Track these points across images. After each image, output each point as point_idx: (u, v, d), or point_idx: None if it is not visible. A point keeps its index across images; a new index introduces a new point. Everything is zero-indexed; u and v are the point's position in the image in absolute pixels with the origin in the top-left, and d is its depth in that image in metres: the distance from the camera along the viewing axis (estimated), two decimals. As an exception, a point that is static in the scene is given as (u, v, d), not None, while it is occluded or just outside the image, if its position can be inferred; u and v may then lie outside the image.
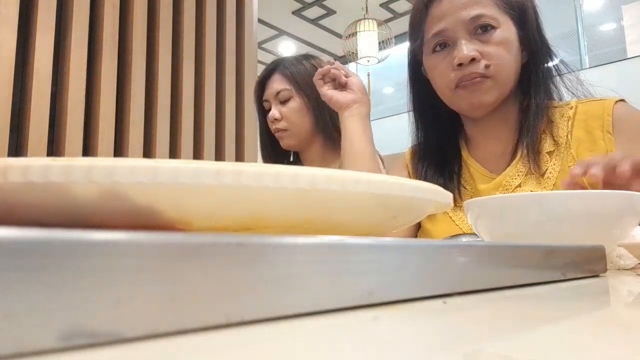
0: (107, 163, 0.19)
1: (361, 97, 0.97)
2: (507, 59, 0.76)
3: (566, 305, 0.25)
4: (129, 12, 1.86)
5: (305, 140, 1.22)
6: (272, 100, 1.21)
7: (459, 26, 0.76)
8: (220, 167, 0.20)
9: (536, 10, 0.81)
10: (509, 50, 0.76)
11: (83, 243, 0.12)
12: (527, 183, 0.78)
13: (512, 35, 0.77)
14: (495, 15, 0.76)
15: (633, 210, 0.46)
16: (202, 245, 0.15)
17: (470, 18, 0.75)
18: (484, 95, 0.77)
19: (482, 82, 0.76)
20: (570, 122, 0.78)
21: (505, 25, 0.77)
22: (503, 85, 0.77)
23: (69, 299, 0.12)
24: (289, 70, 1.20)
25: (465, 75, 0.76)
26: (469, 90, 0.77)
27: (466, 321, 0.20)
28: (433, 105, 0.87)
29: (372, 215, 0.26)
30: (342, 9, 4.93)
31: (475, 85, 0.76)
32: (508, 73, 0.77)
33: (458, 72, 0.76)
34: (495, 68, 0.75)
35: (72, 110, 1.67)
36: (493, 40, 0.76)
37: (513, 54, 0.77)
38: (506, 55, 0.76)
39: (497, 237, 0.49)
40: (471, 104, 0.78)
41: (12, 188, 0.19)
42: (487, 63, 0.75)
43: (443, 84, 0.80)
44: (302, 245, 0.18)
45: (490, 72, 0.75)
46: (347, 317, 0.18)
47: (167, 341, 0.13)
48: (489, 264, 0.27)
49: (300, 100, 1.19)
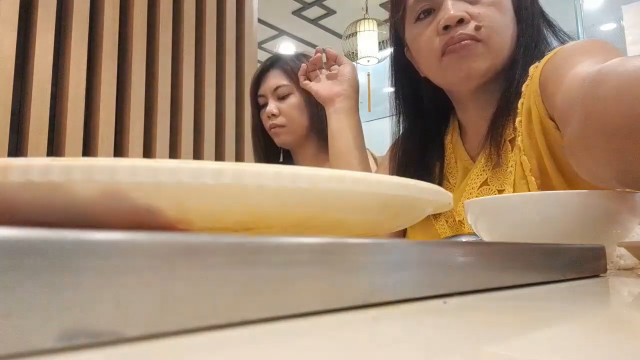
0: (107, 163, 0.19)
1: (346, 89, 0.88)
2: (501, 22, 0.66)
3: (566, 305, 0.25)
4: (129, 12, 1.86)
5: (301, 139, 1.21)
6: (269, 95, 1.20)
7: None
8: (220, 167, 0.20)
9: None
10: (503, 12, 0.66)
11: (83, 243, 0.12)
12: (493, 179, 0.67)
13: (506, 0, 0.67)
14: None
15: (633, 210, 0.46)
16: (202, 245, 0.15)
17: None
18: (474, 61, 0.65)
19: (473, 45, 0.65)
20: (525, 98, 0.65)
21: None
22: (496, 52, 0.66)
23: (69, 299, 0.12)
24: (289, 65, 1.20)
25: (453, 38, 0.65)
26: (457, 55, 0.65)
27: (466, 321, 0.20)
28: (416, 93, 0.78)
29: (372, 215, 0.26)
30: (342, 9, 4.93)
31: (465, 50, 0.65)
32: (501, 38, 0.66)
33: (444, 36, 0.66)
34: (487, 31, 0.65)
35: (72, 110, 1.67)
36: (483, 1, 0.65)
37: (507, 19, 0.67)
38: (499, 17, 0.65)
39: (497, 237, 0.49)
40: (460, 70, 0.67)
41: (12, 188, 0.19)
42: (477, 24, 0.64)
43: (428, 53, 0.69)
44: (302, 245, 0.18)
45: (481, 34, 0.65)
46: (347, 317, 0.18)
47: (167, 341, 0.13)
48: (489, 264, 0.27)
49: (300, 96, 1.18)
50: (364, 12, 4.21)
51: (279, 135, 1.20)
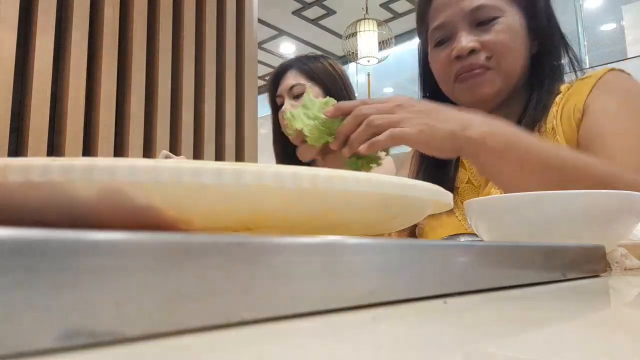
0: (107, 163, 0.19)
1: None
2: (511, 48, 0.71)
3: (566, 305, 0.25)
4: (129, 12, 1.86)
5: None
6: (285, 94, 1.22)
7: (460, 18, 0.72)
8: (220, 167, 0.20)
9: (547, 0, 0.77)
10: (513, 39, 0.72)
11: (83, 243, 0.12)
12: None
13: (516, 23, 0.72)
14: (498, 5, 0.72)
15: (633, 210, 0.46)
16: (202, 245, 0.15)
17: (471, 9, 0.71)
18: (484, 87, 0.72)
19: (482, 73, 0.71)
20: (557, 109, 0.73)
21: (510, 13, 0.72)
22: (507, 77, 0.72)
23: (69, 299, 0.12)
24: (307, 65, 1.22)
25: (464, 67, 0.72)
26: (468, 83, 0.72)
27: (466, 321, 0.20)
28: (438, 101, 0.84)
29: (372, 215, 0.26)
30: (342, 9, 4.93)
31: (475, 78, 0.72)
32: (512, 63, 0.72)
33: (456, 65, 0.73)
34: (497, 58, 0.71)
35: (72, 110, 1.67)
36: (495, 29, 0.71)
37: (518, 43, 0.72)
38: (509, 44, 0.71)
39: (497, 237, 0.49)
40: (471, 97, 0.73)
41: (12, 188, 0.19)
42: (488, 54, 0.71)
43: (443, 78, 0.77)
44: (302, 245, 0.18)
45: (491, 63, 0.71)
46: (347, 317, 0.18)
47: (167, 341, 0.13)
48: (489, 264, 0.27)
49: (315, 95, 1.19)
50: (364, 12, 4.21)
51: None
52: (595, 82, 0.71)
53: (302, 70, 1.22)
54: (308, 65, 1.22)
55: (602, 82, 0.71)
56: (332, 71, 1.25)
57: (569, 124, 0.71)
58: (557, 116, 0.72)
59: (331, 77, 1.23)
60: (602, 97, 0.69)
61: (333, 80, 1.23)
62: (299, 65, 1.23)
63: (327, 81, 1.22)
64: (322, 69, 1.23)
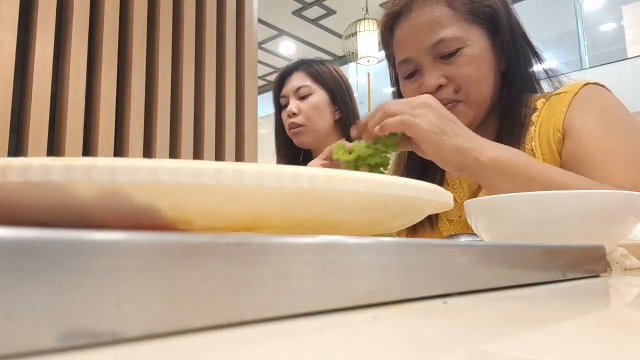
0: (107, 163, 0.19)
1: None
2: (477, 78, 0.71)
3: (566, 305, 0.25)
4: (129, 12, 1.86)
5: (321, 139, 1.24)
6: (290, 95, 1.24)
7: (422, 53, 0.73)
8: (220, 167, 0.20)
9: (510, 11, 0.75)
10: (478, 67, 0.71)
11: (83, 243, 0.12)
12: None
13: (481, 49, 0.72)
14: (458, 34, 0.71)
15: (633, 210, 0.46)
16: (202, 245, 0.15)
17: (432, 44, 0.71)
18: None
19: (453, 107, 0.71)
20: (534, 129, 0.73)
21: (472, 40, 0.72)
22: (478, 106, 0.73)
23: (69, 299, 0.12)
24: (313, 68, 1.26)
25: None
26: None
27: (466, 321, 0.20)
28: None
29: (372, 215, 0.26)
30: (342, 9, 4.93)
31: None
32: (481, 91, 0.72)
33: None
34: (466, 90, 0.71)
35: (72, 110, 1.67)
36: (459, 61, 0.71)
37: (484, 70, 0.72)
38: (475, 73, 0.71)
39: (497, 237, 0.49)
40: None
41: (12, 188, 0.19)
42: (455, 87, 0.72)
43: None
44: (302, 245, 0.18)
45: (460, 96, 0.72)
46: (347, 317, 0.18)
47: (167, 341, 0.13)
48: (489, 264, 0.27)
49: (320, 98, 1.23)
50: (364, 12, 4.21)
51: (298, 136, 1.24)
52: (571, 99, 0.71)
53: (308, 72, 1.25)
54: (314, 68, 1.26)
55: (579, 99, 0.71)
56: (337, 76, 1.28)
57: (547, 145, 0.71)
58: (536, 137, 0.72)
59: (336, 82, 1.26)
60: (581, 115, 0.69)
61: (338, 85, 1.26)
62: (305, 67, 1.26)
63: (332, 85, 1.25)
64: (327, 73, 1.26)
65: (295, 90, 1.23)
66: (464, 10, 0.72)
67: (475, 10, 0.72)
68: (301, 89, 1.23)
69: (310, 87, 1.23)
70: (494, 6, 0.73)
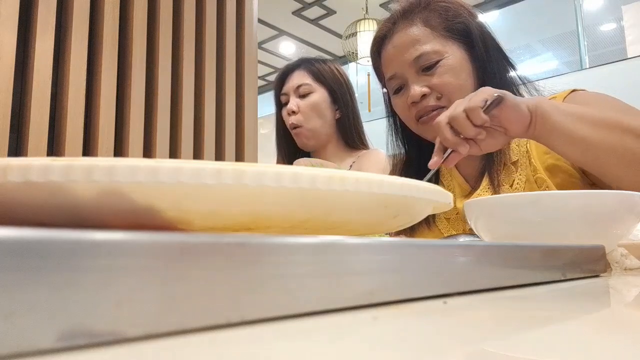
0: (107, 163, 0.19)
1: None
2: (456, 85, 0.78)
3: (566, 305, 0.25)
4: (129, 12, 1.86)
5: (320, 138, 1.24)
6: (291, 93, 1.24)
7: (405, 69, 0.81)
8: (220, 167, 0.20)
9: (482, 26, 0.83)
10: (457, 75, 0.79)
11: (83, 243, 0.12)
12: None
13: (459, 59, 0.79)
14: (436, 48, 0.79)
15: (633, 210, 0.46)
16: (202, 245, 0.15)
17: (413, 59, 0.79)
18: None
19: (438, 113, 0.77)
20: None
21: (450, 53, 0.79)
22: None
23: (69, 299, 0.12)
24: (315, 67, 1.25)
25: (420, 111, 0.80)
26: (427, 125, 0.80)
27: (466, 321, 0.20)
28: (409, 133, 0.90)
29: (372, 215, 0.26)
30: (342, 9, 4.93)
31: (433, 119, 0.76)
32: (461, 97, 0.73)
33: (414, 109, 0.81)
34: (447, 96, 0.78)
35: (72, 110, 1.67)
36: (439, 71, 0.79)
37: (463, 77, 0.79)
38: (454, 81, 0.78)
39: (497, 237, 0.49)
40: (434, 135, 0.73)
41: (12, 188, 0.19)
42: (437, 94, 0.79)
43: (407, 120, 0.85)
44: (302, 245, 0.18)
45: (443, 102, 0.78)
46: (347, 317, 0.18)
47: (167, 341, 0.13)
48: (489, 264, 0.27)
49: (321, 98, 1.23)
50: (364, 12, 4.20)
51: (300, 137, 1.24)
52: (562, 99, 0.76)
53: (309, 71, 1.25)
54: (316, 66, 1.25)
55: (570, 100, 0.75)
56: (339, 75, 1.28)
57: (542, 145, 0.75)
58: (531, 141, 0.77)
59: (337, 81, 1.26)
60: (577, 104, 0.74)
61: (339, 84, 1.26)
62: (306, 66, 1.26)
63: (333, 84, 1.25)
64: (329, 72, 1.25)
65: (296, 88, 1.23)
66: (441, 27, 0.81)
67: (450, 27, 0.81)
68: (302, 87, 1.23)
69: (311, 86, 1.23)
70: (466, 22, 0.82)
